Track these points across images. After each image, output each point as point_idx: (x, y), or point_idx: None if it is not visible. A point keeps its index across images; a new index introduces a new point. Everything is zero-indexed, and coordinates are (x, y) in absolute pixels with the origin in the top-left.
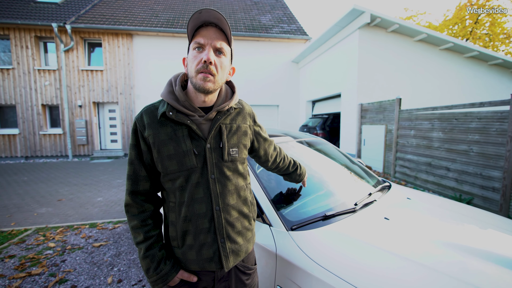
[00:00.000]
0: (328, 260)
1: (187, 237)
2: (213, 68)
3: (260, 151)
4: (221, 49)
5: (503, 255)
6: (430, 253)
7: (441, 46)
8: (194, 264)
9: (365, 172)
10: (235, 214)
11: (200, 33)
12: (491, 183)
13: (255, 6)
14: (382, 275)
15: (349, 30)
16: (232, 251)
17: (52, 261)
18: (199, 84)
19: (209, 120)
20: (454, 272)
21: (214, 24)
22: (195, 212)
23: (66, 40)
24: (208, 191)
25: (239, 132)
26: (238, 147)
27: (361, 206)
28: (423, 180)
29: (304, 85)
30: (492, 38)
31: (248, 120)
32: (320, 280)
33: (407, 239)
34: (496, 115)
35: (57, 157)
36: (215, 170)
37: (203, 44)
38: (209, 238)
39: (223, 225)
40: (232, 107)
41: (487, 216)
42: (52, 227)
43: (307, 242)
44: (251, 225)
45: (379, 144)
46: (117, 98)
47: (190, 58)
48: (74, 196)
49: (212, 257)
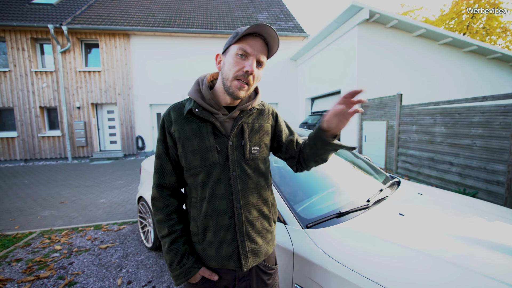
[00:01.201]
0: (347, 257)
1: (207, 233)
2: (251, 78)
3: (283, 143)
4: (262, 63)
5: None
6: (446, 247)
7: (440, 41)
8: (213, 261)
9: (372, 168)
10: (255, 213)
11: (248, 41)
12: (495, 176)
13: (252, 4)
14: (402, 270)
15: (348, 27)
16: (252, 250)
17: (59, 263)
18: (233, 90)
19: (232, 119)
20: (471, 264)
21: (263, 37)
22: (216, 208)
23: (63, 42)
24: (229, 188)
25: (261, 131)
26: (259, 146)
27: (374, 203)
28: (426, 175)
29: (303, 83)
30: (489, 32)
31: (270, 120)
32: (340, 277)
33: (424, 234)
34: (499, 109)
35: (57, 159)
36: (236, 167)
37: (249, 54)
38: (229, 236)
39: (243, 223)
40: (254, 107)
41: (497, 209)
42: (56, 229)
43: (324, 240)
44: (271, 226)
45: (381, 140)
46: (115, 99)
47: (230, 61)
48: (76, 198)
49: (231, 255)
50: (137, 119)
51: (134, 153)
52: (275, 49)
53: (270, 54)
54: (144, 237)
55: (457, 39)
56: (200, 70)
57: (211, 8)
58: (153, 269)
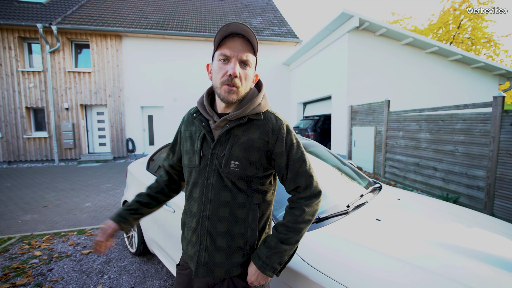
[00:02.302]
0: (322, 262)
1: (184, 228)
2: (238, 81)
3: (280, 172)
4: (247, 61)
5: (488, 253)
6: (419, 253)
7: (427, 49)
8: (184, 254)
9: (356, 173)
10: (222, 229)
11: (227, 44)
12: (476, 182)
13: (246, 9)
14: (375, 276)
15: (338, 34)
16: (206, 263)
17: (38, 270)
18: (223, 96)
19: (220, 127)
20: (442, 270)
21: (241, 35)
22: (190, 209)
23: (52, 41)
24: (202, 194)
25: (247, 145)
26: (241, 161)
27: (353, 208)
28: (411, 180)
29: (295, 87)
30: (474, 42)
31: (268, 135)
32: (315, 283)
33: (398, 239)
34: (479, 117)
35: (43, 161)
36: (212, 176)
37: (229, 56)
38: (194, 238)
39: (205, 232)
40: (245, 117)
41: (473, 215)
42: (37, 234)
43: (301, 245)
44: (243, 249)
45: (369, 145)
46: (105, 100)
47: (215, 68)
48: (61, 202)
49: (193, 257)
50: (128, 121)
51: (124, 156)
52: (255, 43)
53: (254, 49)
54: (128, 242)
55: (443, 48)
56: (193, 73)
57: (205, 11)
58: (136, 275)
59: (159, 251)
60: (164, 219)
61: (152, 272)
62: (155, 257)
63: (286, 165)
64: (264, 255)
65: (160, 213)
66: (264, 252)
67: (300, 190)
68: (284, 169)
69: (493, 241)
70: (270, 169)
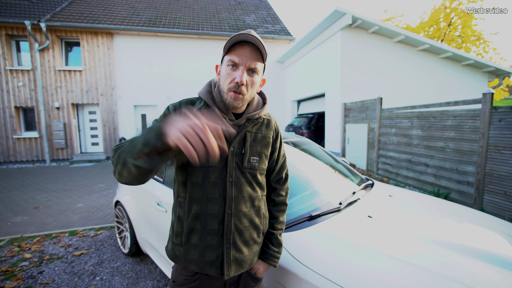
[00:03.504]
0: (314, 261)
1: (192, 235)
2: (244, 88)
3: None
4: (255, 69)
5: (479, 249)
6: (409, 249)
7: (419, 47)
8: (194, 264)
9: (349, 170)
10: (246, 222)
11: (236, 51)
12: (466, 177)
13: (239, 6)
14: (366, 273)
15: (331, 31)
16: (236, 259)
17: (28, 273)
18: (229, 102)
19: (238, 126)
20: (432, 266)
21: (251, 43)
22: (207, 212)
23: (41, 39)
24: (224, 193)
25: (263, 142)
26: (259, 156)
27: (346, 205)
28: (404, 176)
29: (289, 85)
30: (464, 40)
31: (273, 133)
32: (307, 282)
33: (388, 236)
34: (469, 113)
35: (33, 162)
36: (234, 173)
37: (238, 64)
38: (215, 241)
39: (231, 230)
40: (261, 117)
41: (463, 210)
42: (28, 236)
43: (294, 244)
44: (259, 238)
45: (363, 142)
46: (97, 99)
47: (223, 73)
48: (52, 203)
49: (214, 261)
50: (121, 120)
51: None
52: (264, 51)
53: (263, 57)
54: (121, 243)
55: (434, 46)
56: (187, 71)
57: (198, 9)
58: (128, 275)
59: (152, 252)
60: (157, 219)
61: (145, 272)
62: (148, 257)
63: (276, 159)
64: (276, 252)
65: (152, 213)
66: (276, 250)
67: (281, 181)
68: (275, 162)
69: (484, 237)
70: None
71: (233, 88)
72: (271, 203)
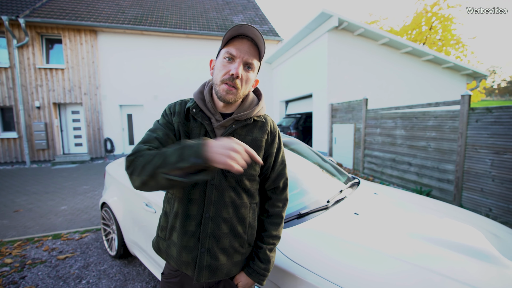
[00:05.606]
0: (304, 257)
1: (173, 233)
2: (239, 82)
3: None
4: (251, 65)
5: (458, 243)
6: (393, 243)
7: (402, 49)
8: (173, 261)
9: (336, 170)
10: (225, 229)
11: (234, 43)
12: (446, 175)
13: (227, 6)
14: (354, 268)
15: (318, 33)
16: (209, 266)
17: (9, 278)
18: (221, 94)
19: (224, 127)
20: (417, 259)
21: (250, 38)
22: (186, 212)
23: (20, 35)
24: (204, 195)
25: (252, 145)
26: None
27: (333, 203)
28: (388, 175)
29: (277, 86)
30: (444, 43)
31: (267, 136)
32: (298, 278)
33: (373, 231)
34: (449, 114)
35: (12, 163)
36: (216, 176)
37: (235, 56)
38: (192, 243)
39: (208, 234)
40: (251, 118)
41: (443, 207)
42: (8, 241)
43: (283, 241)
44: (243, 248)
45: (349, 142)
46: (81, 98)
47: (218, 65)
48: (33, 206)
49: (189, 263)
50: (106, 120)
51: (102, 156)
52: (262, 49)
53: (260, 54)
54: (108, 245)
55: (416, 49)
56: (174, 70)
57: (185, 7)
58: (116, 278)
59: (141, 253)
60: (146, 220)
61: (133, 274)
62: (137, 259)
63: (272, 166)
64: (261, 269)
65: (141, 214)
66: (262, 266)
67: (278, 191)
68: (270, 169)
69: (463, 232)
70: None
71: (227, 80)
72: (264, 214)
